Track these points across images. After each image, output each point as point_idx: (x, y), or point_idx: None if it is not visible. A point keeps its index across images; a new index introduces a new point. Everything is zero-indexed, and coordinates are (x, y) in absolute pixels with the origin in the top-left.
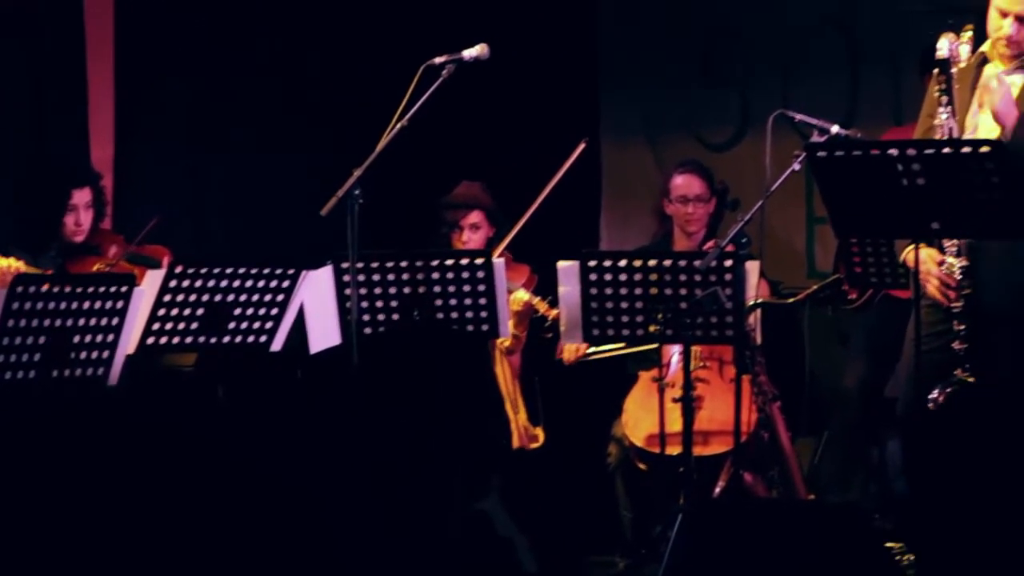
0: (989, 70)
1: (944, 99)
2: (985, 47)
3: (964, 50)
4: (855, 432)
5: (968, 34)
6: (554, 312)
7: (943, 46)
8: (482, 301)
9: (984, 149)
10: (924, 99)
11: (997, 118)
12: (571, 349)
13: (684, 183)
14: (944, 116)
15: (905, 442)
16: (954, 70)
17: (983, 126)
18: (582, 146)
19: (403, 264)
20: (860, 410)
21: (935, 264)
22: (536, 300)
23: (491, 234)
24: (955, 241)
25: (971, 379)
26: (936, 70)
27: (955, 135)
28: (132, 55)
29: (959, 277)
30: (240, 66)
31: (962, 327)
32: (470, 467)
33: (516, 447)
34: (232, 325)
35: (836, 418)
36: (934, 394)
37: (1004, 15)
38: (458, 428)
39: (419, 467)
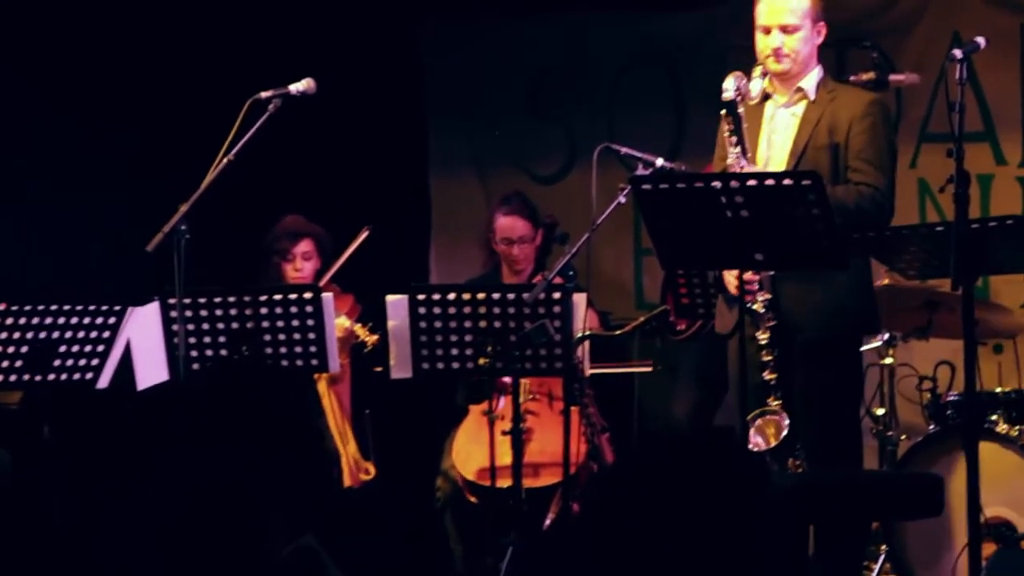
0: (769, 106)
1: (734, 139)
2: (765, 82)
3: (755, 86)
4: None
5: (759, 69)
6: (373, 338)
7: (729, 87)
8: (311, 335)
9: (805, 181)
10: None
11: None
12: None
13: (507, 225)
14: (734, 155)
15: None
16: (741, 109)
17: (774, 159)
18: (365, 233)
19: (231, 299)
20: (690, 439)
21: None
22: (357, 327)
23: (319, 266)
24: (759, 275)
25: (781, 410)
26: (723, 112)
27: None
28: None
29: (762, 311)
30: (56, 101)
31: (770, 358)
32: (291, 505)
33: (347, 482)
34: (57, 363)
35: (666, 448)
36: (750, 419)
37: (767, 31)
38: (280, 465)
39: (238, 504)
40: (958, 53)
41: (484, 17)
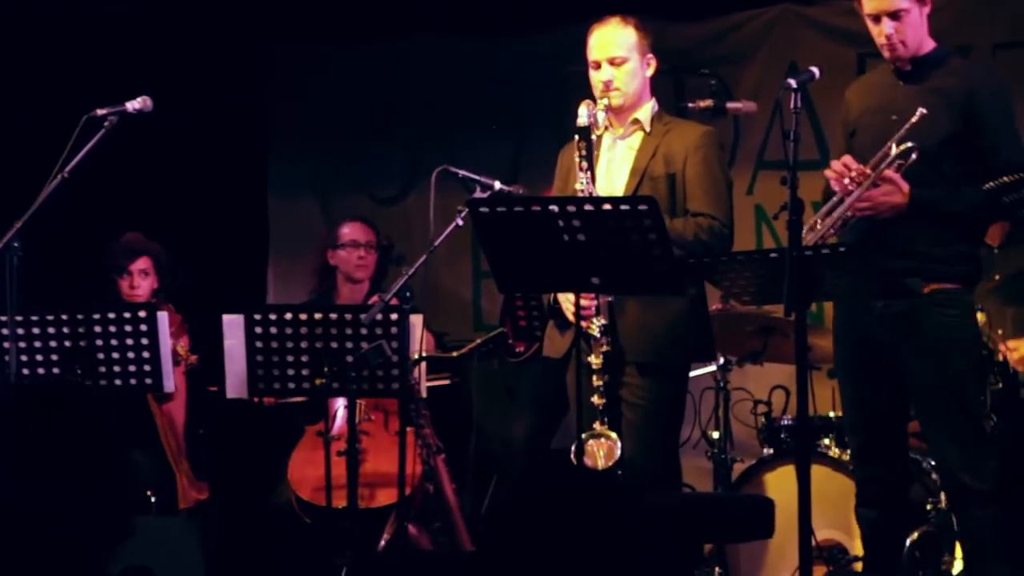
0: (607, 137)
1: (584, 164)
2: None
3: (601, 116)
4: (523, 483)
5: (604, 101)
6: (193, 357)
7: (583, 113)
8: (145, 354)
9: (642, 207)
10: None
11: None
12: None
13: (353, 229)
14: (584, 181)
15: None
16: (594, 136)
17: (612, 189)
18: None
19: (64, 317)
20: (527, 462)
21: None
22: (178, 344)
23: (156, 285)
24: (594, 300)
25: (612, 432)
26: (577, 137)
27: None
28: None
29: (598, 335)
30: None
31: (600, 382)
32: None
33: (181, 504)
34: None
35: (504, 469)
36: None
37: (597, 66)
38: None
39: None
40: (792, 82)
41: (329, 41)
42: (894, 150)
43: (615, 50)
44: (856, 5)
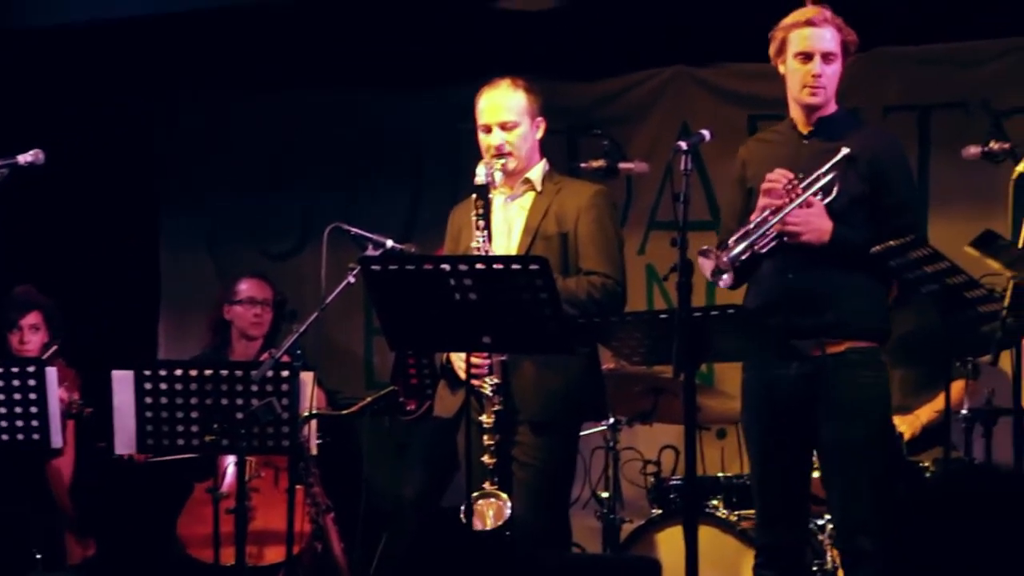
0: (498, 197)
1: (481, 223)
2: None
3: (498, 176)
4: (413, 543)
5: (501, 161)
6: (87, 410)
7: (481, 172)
8: (33, 410)
9: (533, 266)
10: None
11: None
12: None
13: (251, 286)
14: (480, 240)
15: None
16: (491, 195)
17: (504, 249)
18: None
19: None
20: (417, 520)
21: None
22: (71, 397)
23: (47, 339)
24: (487, 359)
25: (501, 493)
26: (474, 195)
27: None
28: None
29: (490, 394)
30: None
31: (491, 442)
32: None
33: (69, 559)
34: None
35: (394, 528)
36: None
37: (488, 130)
38: None
39: None
40: (683, 145)
41: (226, 91)
42: (825, 168)
43: (506, 114)
44: (773, 53)
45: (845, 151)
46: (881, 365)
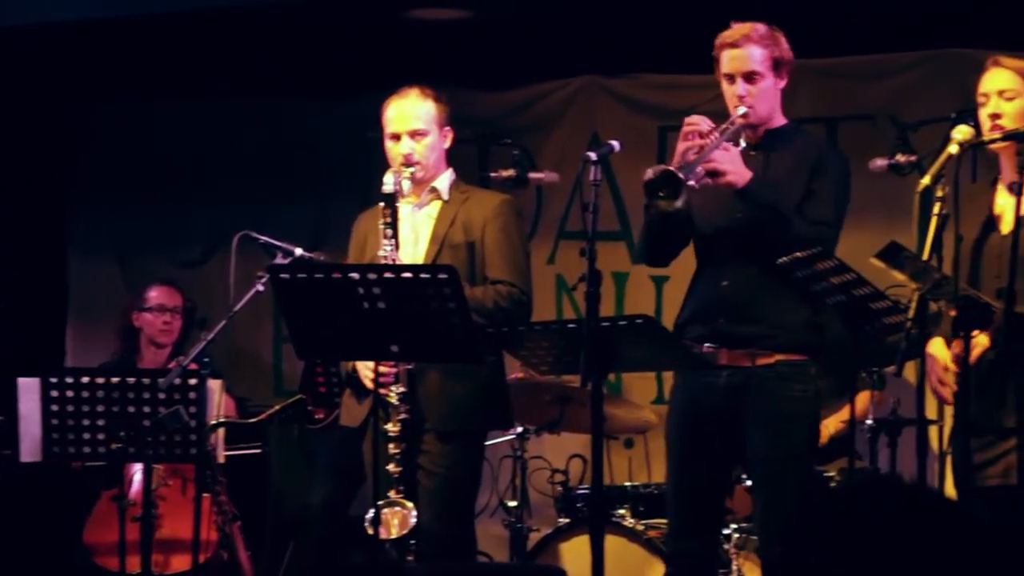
0: (405, 206)
1: (389, 232)
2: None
3: (406, 184)
4: (321, 550)
5: (410, 170)
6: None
7: (388, 181)
8: None
9: (441, 276)
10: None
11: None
12: None
13: (161, 293)
14: (388, 248)
15: None
16: (399, 203)
17: (411, 258)
18: None
19: None
20: (325, 528)
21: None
22: None
23: None
24: (394, 368)
25: (407, 501)
26: (382, 204)
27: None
28: None
29: (396, 403)
30: None
31: (397, 450)
32: None
33: None
34: None
35: (302, 536)
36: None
37: (396, 138)
38: None
39: None
40: (592, 155)
41: (133, 98)
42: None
43: (414, 123)
44: (715, 71)
45: (743, 110)
46: (811, 379)
